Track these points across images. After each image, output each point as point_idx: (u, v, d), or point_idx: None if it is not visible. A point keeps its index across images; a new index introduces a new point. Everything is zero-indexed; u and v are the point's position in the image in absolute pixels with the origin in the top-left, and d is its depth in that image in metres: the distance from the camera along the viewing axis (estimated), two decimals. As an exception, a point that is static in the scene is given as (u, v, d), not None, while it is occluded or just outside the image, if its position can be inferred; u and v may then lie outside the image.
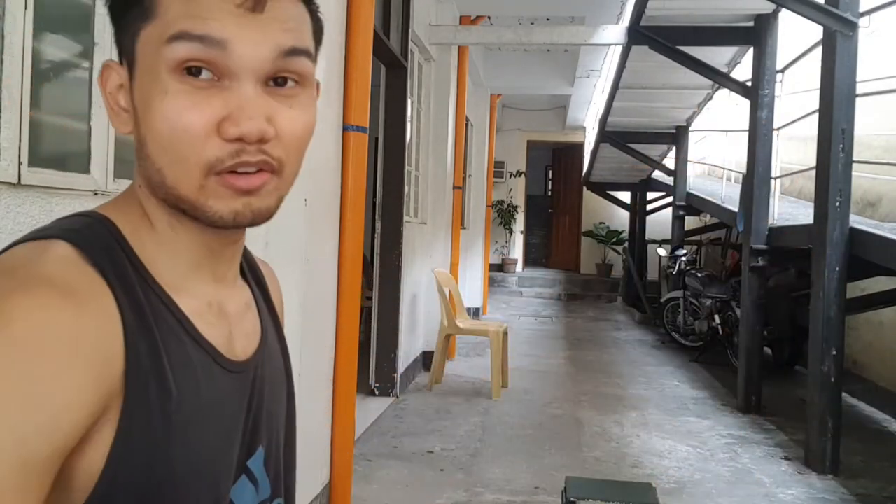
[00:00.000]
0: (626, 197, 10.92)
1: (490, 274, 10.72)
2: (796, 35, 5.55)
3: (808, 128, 4.59)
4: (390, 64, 4.79)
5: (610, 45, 6.23)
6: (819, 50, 4.09)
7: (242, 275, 0.71)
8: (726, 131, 8.12)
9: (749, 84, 5.10)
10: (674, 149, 8.50)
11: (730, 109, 7.80)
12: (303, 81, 0.60)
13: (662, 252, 8.67)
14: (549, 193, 14.01)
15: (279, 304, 0.79)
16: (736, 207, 5.60)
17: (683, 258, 7.68)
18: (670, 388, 5.63)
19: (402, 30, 4.82)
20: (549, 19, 7.54)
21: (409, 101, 5.09)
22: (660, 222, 10.32)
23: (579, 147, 12.27)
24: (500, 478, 3.51)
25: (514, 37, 5.67)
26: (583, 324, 9.12)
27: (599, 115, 8.40)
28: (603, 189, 10.88)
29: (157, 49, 0.55)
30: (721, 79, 5.47)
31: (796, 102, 5.64)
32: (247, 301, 0.70)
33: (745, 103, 5.21)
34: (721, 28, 5.24)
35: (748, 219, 5.01)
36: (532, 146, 13.06)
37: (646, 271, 10.25)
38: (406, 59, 4.88)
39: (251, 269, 0.74)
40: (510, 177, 12.78)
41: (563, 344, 7.52)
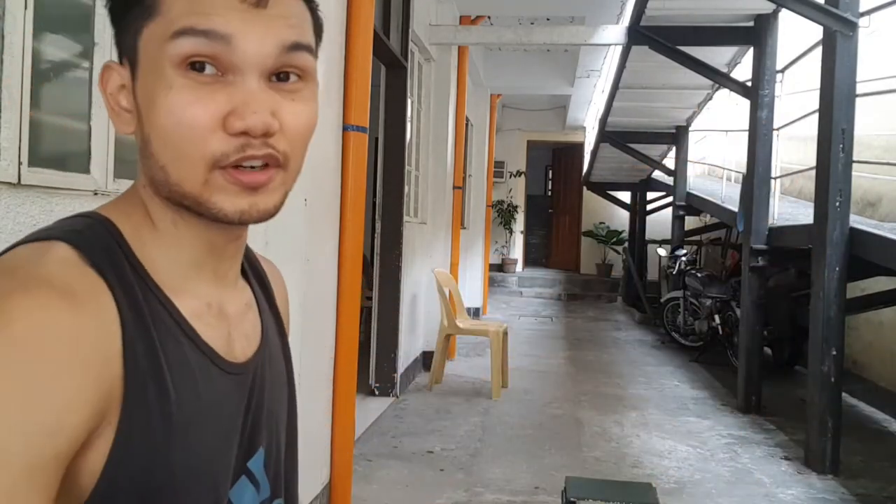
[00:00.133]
0: (626, 197, 10.91)
1: (490, 274, 10.72)
2: (796, 35, 5.55)
3: (808, 128, 4.59)
4: (390, 64, 4.79)
5: (610, 45, 6.24)
6: (819, 50, 4.09)
7: (244, 275, 0.71)
8: (726, 131, 8.12)
9: (749, 84, 5.10)
10: (674, 149, 8.50)
11: (730, 109, 7.79)
12: (305, 76, 0.60)
13: (662, 252, 8.67)
14: (549, 193, 14.01)
15: (283, 303, 0.79)
16: (736, 207, 5.59)
17: (683, 258, 7.67)
18: (670, 388, 5.63)
19: (402, 30, 4.82)
20: (549, 19, 7.54)
21: (409, 101, 5.09)
22: (660, 222, 10.32)
23: (579, 147, 12.26)
24: (500, 478, 3.51)
25: (514, 37, 5.67)
26: (583, 324, 9.12)
27: (599, 115, 8.40)
28: (603, 189, 10.88)
29: (160, 46, 0.55)
30: (721, 79, 5.47)
31: (796, 102, 5.64)
32: (247, 302, 0.70)
33: (745, 103, 5.21)
34: (721, 28, 5.24)
35: (748, 219, 5.01)
36: (532, 146, 13.05)
37: (646, 271, 10.24)
38: (406, 59, 4.88)
39: (253, 269, 0.74)
40: (510, 177, 12.77)
41: (563, 344, 7.52)
